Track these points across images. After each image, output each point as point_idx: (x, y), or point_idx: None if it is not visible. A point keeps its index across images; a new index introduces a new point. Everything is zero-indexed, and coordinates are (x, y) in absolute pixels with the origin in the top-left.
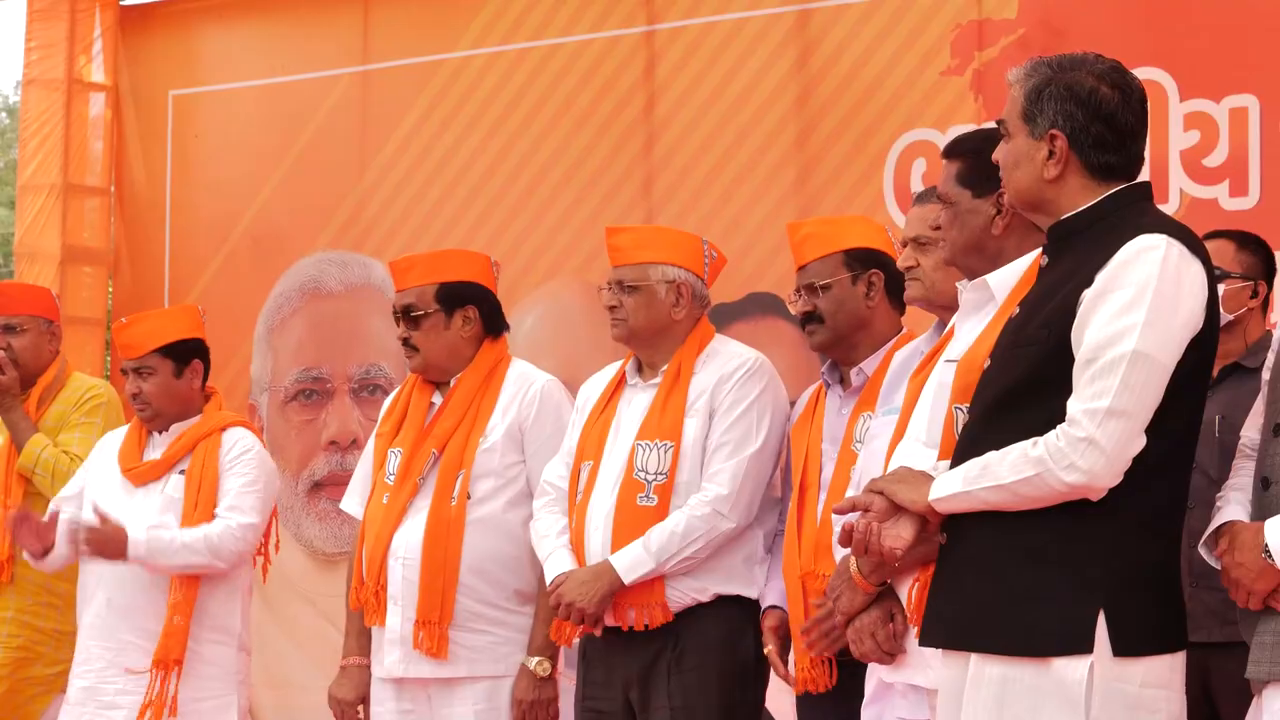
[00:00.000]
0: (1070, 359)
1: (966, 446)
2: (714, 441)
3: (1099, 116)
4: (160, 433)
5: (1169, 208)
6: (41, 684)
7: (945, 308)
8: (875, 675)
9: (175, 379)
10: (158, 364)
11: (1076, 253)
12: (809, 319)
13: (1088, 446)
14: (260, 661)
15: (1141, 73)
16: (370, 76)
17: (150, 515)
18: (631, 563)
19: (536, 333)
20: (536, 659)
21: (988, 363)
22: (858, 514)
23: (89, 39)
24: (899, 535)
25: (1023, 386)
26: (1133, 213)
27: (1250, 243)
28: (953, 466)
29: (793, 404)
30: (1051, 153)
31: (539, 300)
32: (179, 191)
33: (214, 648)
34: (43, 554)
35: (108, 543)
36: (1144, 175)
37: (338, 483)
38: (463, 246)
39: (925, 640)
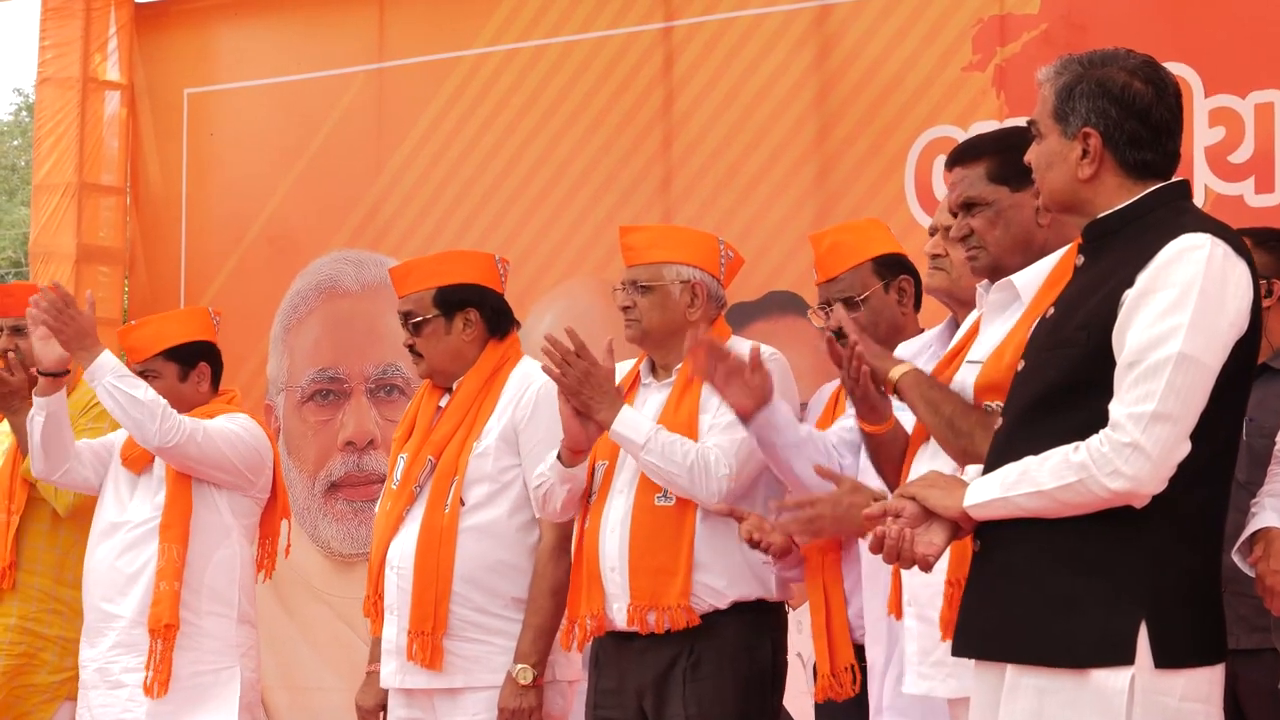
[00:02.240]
0: (1110, 361)
1: (1000, 450)
2: (720, 421)
3: (1133, 113)
4: None
5: None
6: (46, 691)
7: (964, 303)
8: (876, 681)
9: (181, 382)
10: (163, 367)
11: (1115, 252)
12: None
13: (1133, 452)
14: (276, 662)
15: (1167, 68)
16: (386, 74)
17: (150, 497)
18: (633, 424)
19: (554, 332)
20: (520, 666)
21: (1021, 364)
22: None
23: (104, 37)
24: (931, 542)
25: (1060, 389)
26: (1172, 211)
27: (1268, 240)
28: (986, 471)
29: (805, 405)
30: (1085, 151)
31: (556, 299)
32: (194, 190)
33: (213, 620)
34: None
35: (74, 323)
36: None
37: (354, 484)
38: (479, 244)
39: (959, 650)
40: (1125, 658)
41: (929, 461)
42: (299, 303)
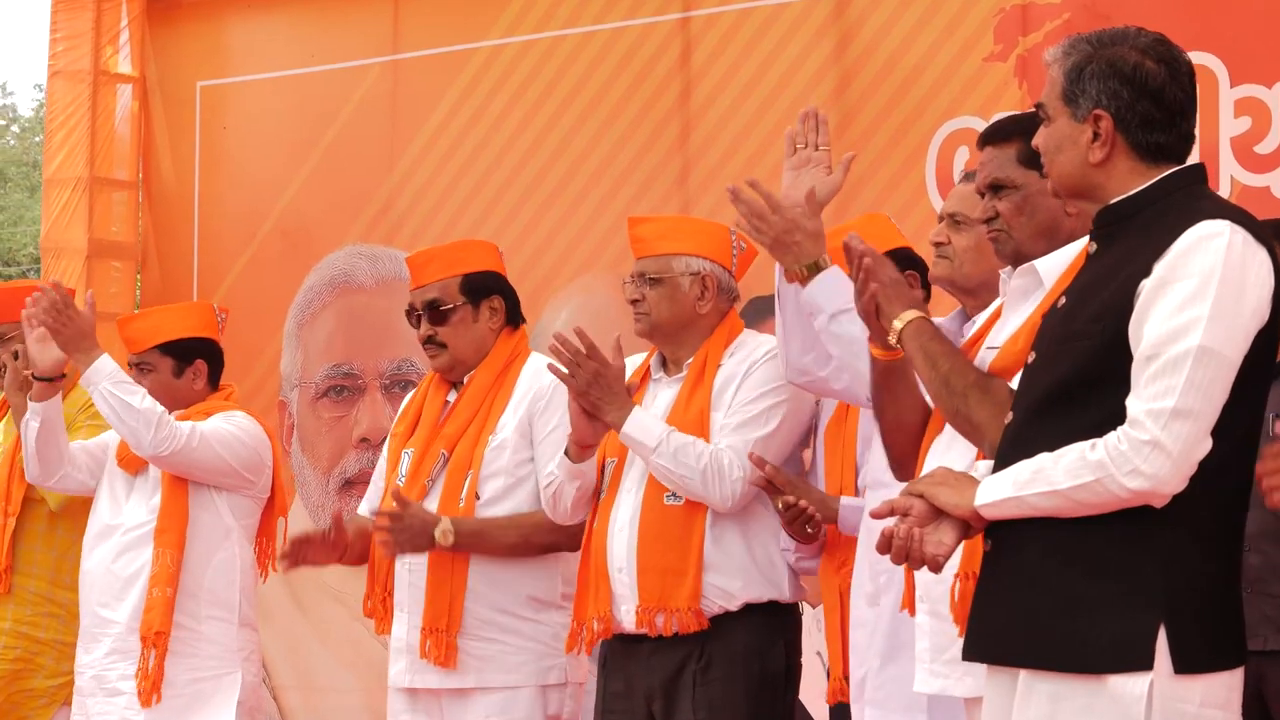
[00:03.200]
0: (1126, 354)
1: (1010, 446)
2: (730, 421)
3: (1145, 93)
4: None
5: None
6: (43, 696)
7: (968, 292)
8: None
9: (175, 378)
10: (158, 361)
11: (1129, 239)
12: None
13: (1152, 450)
14: (291, 663)
15: (1190, 57)
16: (401, 66)
17: (146, 499)
18: (644, 426)
19: (571, 327)
20: (447, 525)
21: (1031, 356)
22: (896, 519)
23: (115, 30)
24: (941, 542)
25: (1072, 384)
26: (1189, 197)
27: None
28: (996, 468)
29: (818, 401)
30: (1096, 134)
31: (573, 294)
32: (207, 184)
33: (213, 624)
34: None
35: (73, 324)
36: (1193, 159)
37: (369, 480)
38: (494, 238)
39: (970, 654)
40: (1143, 663)
41: (943, 453)
42: (313, 298)
